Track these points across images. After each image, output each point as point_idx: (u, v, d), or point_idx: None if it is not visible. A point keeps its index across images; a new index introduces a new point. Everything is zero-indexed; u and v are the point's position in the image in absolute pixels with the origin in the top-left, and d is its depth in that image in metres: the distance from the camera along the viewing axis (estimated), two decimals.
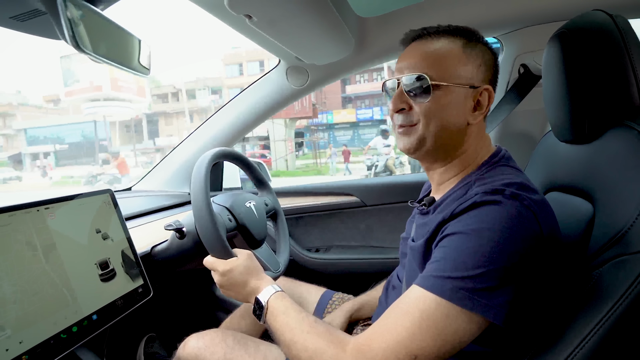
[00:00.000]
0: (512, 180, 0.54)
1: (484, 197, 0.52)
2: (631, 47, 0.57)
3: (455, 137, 0.62)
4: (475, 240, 0.50)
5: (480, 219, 0.51)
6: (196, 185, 0.75)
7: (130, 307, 0.76)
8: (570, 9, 0.94)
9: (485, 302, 0.48)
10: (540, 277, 0.52)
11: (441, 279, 0.50)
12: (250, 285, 0.69)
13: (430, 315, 0.49)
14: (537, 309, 0.54)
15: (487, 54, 0.62)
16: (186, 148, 1.38)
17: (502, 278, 0.48)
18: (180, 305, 1.33)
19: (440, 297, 0.49)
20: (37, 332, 0.58)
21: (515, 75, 1.10)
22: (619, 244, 0.51)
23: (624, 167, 0.54)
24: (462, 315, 0.49)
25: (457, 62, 0.59)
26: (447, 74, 0.59)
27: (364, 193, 1.36)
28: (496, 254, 0.48)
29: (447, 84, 0.59)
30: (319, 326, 0.58)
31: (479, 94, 0.61)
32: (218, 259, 0.73)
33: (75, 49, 0.44)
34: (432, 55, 0.60)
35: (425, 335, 0.49)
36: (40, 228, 0.64)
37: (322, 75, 1.22)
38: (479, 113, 0.61)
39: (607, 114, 0.59)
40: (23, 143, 23.69)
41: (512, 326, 0.50)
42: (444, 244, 0.54)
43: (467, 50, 0.60)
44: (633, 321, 0.48)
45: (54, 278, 0.63)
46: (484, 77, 0.61)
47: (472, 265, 0.49)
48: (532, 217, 0.50)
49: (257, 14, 0.74)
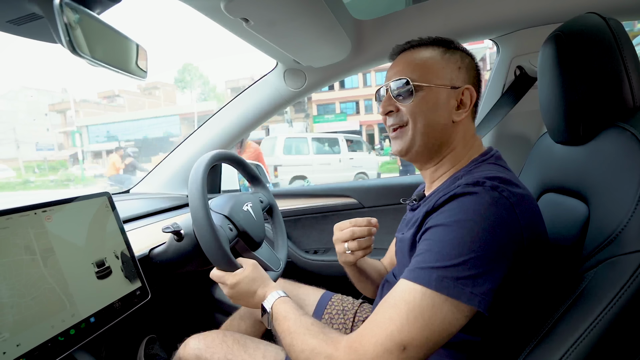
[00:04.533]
0: (495, 174, 0.56)
1: (464, 188, 0.54)
2: (624, 49, 0.58)
3: (442, 134, 0.66)
4: (457, 231, 0.52)
5: (460, 209, 0.53)
6: (194, 193, 0.74)
7: (128, 310, 0.76)
8: (565, 11, 0.94)
9: (469, 290, 0.49)
10: (525, 268, 0.53)
11: (426, 269, 0.52)
12: (257, 294, 0.72)
13: (416, 306, 0.51)
14: (524, 301, 0.56)
15: (466, 58, 0.68)
16: (184, 151, 1.38)
17: (484, 266, 0.50)
18: (180, 307, 1.33)
19: (426, 287, 0.51)
20: (35, 335, 0.58)
21: (512, 77, 1.11)
22: (613, 245, 0.51)
23: (618, 169, 0.55)
24: (448, 304, 0.50)
25: (438, 66, 0.65)
26: (428, 76, 0.65)
27: (361, 195, 1.36)
28: (476, 242, 0.50)
29: (429, 85, 0.64)
30: (315, 327, 0.60)
31: (461, 94, 0.65)
32: (225, 272, 0.74)
33: (71, 53, 0.45)
34: (414, 62, 0.66)
35: (413, 326, 0.50)
36: (39, 232, 0.64)
37: (320, 77, 1.22)
38: (462, 111, 0.66)
39: (601, 116, 0.59)
40: (85, 140, 23.22)
41: (498, 315, 0.52)
42: (427, 236, 0.56)
43: (447, 56, 0.66)
44: (626, 321, 0.48)
45: (52, 282, 0.63)
46: (465, 78, 0.66)
47: (455, 255, 0.50)
48: (509, 206, 0.52)
49: (254, 18, 0.75)
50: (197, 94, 33.50)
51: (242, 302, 0.74)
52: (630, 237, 0.49)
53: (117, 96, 30.30)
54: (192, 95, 32.94)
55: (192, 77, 32.64)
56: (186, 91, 33.48)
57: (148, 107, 30.01)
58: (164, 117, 23.20)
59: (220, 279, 0.75)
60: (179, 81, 33.09)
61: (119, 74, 0.58)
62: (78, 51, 0.45)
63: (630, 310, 0.48)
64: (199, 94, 33.50)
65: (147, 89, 33.88)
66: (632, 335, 0.49)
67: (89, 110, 28.72)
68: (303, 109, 21.43)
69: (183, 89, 33.38)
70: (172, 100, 33.80)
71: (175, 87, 34.40)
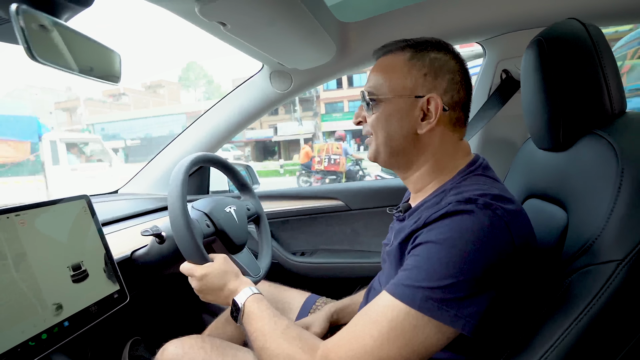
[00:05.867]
0: (486, 190, 0.54)
1: (457, 206, 0.52)
2: (603, 56, 0.58)
3: (407, 146, 0.63)
4: (447, 250, 0.50)
5: (452, 228, 0.51)
6: (172, 191, 0.75)
7: (105, 313, 0.76)
8: (549, 16, 0.94)
9: (454, 312, 0.48)
10: (513, 287, 0.52)
11: (411, 288, 0.50)
12: (228, 287, 0.70)
13: (398, 324, 0.50)
14: (509, 318, 0.54)
15: (439, 61, 0.61)
16: (171, 152, 1.38)
17: (472, 289, 0.48)
18: (167, 308, 1.33)
19: (410, 306, 0.49)
20: (3, 341, 0.58)
21: (498, 80, 1.10)
22: (587, 254, 0.51)
23: (594, 177, 0.54)
24: (430, 325, 0.49)
25: (399, 74, 0.62)
26: (388, 87, 0.62)
27: (348, 197, 1.36)
28: (467, 264, 0.48)
29: (386, 97, 0.62)
30: (291, 331, 0.59)
31: (426, 103, 0.60)
32: (194, 265, 0.73)
33: (31, 59, 0.44)
34: (379, 71, 0.64)
35: (393, 345, 0.49)
36: (11, 237, 0.64)
37: (306, 79, 1.22)
38: (426, 123, 0.61)
39: (580, 123, 0.59)
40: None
41: (482, 335, 0.50)
42: (416, 252, 0.54)
43: (412, 62, 0.62)
44: (598, 330, 0.48)
45: (23, 288, 0.63)
46: (432, 86, 0.61)
47: (442, 276, 0.49)
48: (504, 227, 0.50)
49: (231, 22, 0.74)
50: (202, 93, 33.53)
51: (211, 296, 0.72)
52: (603, 247, 0.49)
53: (122, 94, 30.32)
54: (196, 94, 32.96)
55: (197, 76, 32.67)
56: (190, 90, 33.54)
57: (152, 105, 30.03)
58: (170, 116, 23.15)
59: (189, 271, 0.73)
60: (183, 80, 33.13)
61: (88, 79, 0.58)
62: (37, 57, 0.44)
63: (600, 320, 0.48)
64: (203, 92, 33.55)
65: (151, 87, 33.93)
66: (602, 344, 0.49)
67: (94, 108, 28.72)
68: (311, 107, 21.27)
69: (187, 88, 33.42)
70: (177, 98, 33.83)
71: (180, 85, 34.47)
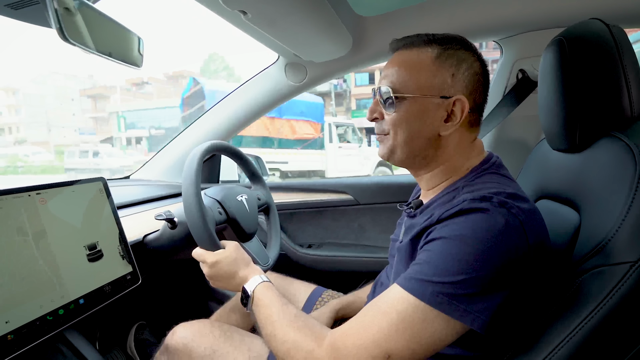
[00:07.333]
0: (500, 189, 0.54)
1: (471, 204, 0.51)
2: (625, 58, 0.57)
3: (428, 148, 0.62)
4: (460, 247, 0.50)
5: (467, 225, 0.51)
6: (187, 177, 0.76)
7: (118, 293, 0.78)
8: (569, 16, 0.93)
9: (463, 307, 0.48)
10: (526, 286, 0.52)
11: (423, 282, 0.50)
12: (239, 275, 0.71)
13: (407, 317, 0.50)
14: (519, 316, 0.54)
15: (465, 63, 0.59)
16: (184, 140, 1.39)
17: (483, 286, 0.49)
18: (174, 294, 1.35)
19: (420, 300, 0.50)
20: (23, 313, 0.60)
21: (514, 80, 1.10)
22: (600, 255, 0.51)
23: (610, 179, 0.54)
24: (439, 319, 0.49)
25: (427, 72, 0.59)
26: (414, 85, 0.59)
27: (358, 192, 1.37)
28: (479, 262, 0.48)
29: (412, 96, 0.59)
30: (299, 320, 0.59)
31: (452, 104, 0.59)
32: (206, 251, 0.74)
33: (62, 40, 0.45)
34: (402, 66, 0.61)
35: (401, 337, 0.49)
36: (32, 214, 0.66)
37: (321, 72, 1.22)
38: (451, 124, 0.60)
39: (598, 124, 0.59)
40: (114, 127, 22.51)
41: (492, 332, 0.50)
42: (428, 247, 0.54)
43: (440, 60, 0.59)
44: (607, 330, 0.48)
45: (43, 264, 0.65)
46: (459, 87, 0.59)
47: (455, 272, 0.49)
48: (519, 226, 0.50)
49: (252, 11, 0.75)
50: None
51: (221, 283, 0.73)
52: (617, 248, 0.49)
53: (145, 83, 30.32)
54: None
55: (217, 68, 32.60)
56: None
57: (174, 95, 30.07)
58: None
59: (201, 257, 0.74)
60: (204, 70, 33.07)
61: (113, 62, 0.59)
62: (69, 38, 0.45)
63: (610, 321, 0.48)
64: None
65: (173, 77, 34.01)
66: (611, 345, 0.49)
67: (117, 96, 28.86)
68: (343, 102, 21.28)
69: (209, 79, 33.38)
70: None
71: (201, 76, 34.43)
